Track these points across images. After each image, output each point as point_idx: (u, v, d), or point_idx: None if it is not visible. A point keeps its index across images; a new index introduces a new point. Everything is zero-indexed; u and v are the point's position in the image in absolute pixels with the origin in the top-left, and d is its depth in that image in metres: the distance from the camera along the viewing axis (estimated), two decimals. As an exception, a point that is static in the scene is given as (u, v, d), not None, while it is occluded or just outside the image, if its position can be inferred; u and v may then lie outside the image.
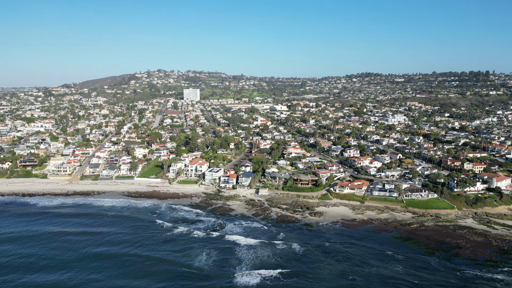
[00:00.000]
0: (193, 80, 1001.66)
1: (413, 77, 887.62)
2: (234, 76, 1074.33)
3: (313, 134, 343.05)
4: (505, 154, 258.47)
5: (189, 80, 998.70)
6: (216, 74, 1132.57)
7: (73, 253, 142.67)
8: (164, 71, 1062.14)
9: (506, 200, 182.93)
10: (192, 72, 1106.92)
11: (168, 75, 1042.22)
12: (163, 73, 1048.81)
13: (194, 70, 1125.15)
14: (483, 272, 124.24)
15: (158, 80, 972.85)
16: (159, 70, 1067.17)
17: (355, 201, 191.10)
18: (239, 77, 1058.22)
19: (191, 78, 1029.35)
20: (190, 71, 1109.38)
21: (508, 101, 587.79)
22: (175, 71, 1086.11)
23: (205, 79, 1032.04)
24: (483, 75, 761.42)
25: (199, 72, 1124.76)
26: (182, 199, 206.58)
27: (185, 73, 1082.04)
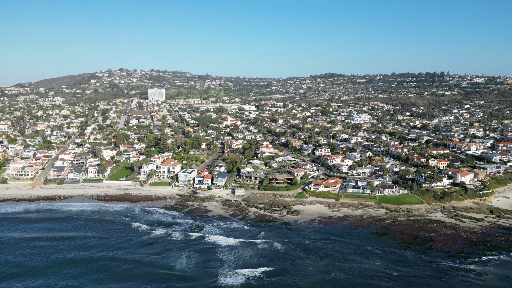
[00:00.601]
0: (157, 79, 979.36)
1: (374, 77, 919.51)
2: (200, 76, 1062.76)
3: (284, 133, 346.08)
4: (465, 150, 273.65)
5: (153, 79, 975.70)
6: (180, 73, 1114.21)
7: (44, 259, 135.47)
8: (126, 70, 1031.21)
9: (470, 194, 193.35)
10: (156, 71, 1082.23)
11: (130, 74, 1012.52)
12: (125, 72, 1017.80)
13: (158, 70, 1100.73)
14: (456, 263, 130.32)
15: (121, 79, 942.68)
16: (121, 69, 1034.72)
17: (330, 199, 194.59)
18: (205, 77, 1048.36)
19: (155, 77, 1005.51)
20: (154, 71, 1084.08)
21: (462, 100, 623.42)
22: (138, 70, 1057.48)
23: (169, 78, 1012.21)
24: (439, 76, 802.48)
25: (163, 71, 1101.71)
26: (156, 202, 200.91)
27: (149, 73, 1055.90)
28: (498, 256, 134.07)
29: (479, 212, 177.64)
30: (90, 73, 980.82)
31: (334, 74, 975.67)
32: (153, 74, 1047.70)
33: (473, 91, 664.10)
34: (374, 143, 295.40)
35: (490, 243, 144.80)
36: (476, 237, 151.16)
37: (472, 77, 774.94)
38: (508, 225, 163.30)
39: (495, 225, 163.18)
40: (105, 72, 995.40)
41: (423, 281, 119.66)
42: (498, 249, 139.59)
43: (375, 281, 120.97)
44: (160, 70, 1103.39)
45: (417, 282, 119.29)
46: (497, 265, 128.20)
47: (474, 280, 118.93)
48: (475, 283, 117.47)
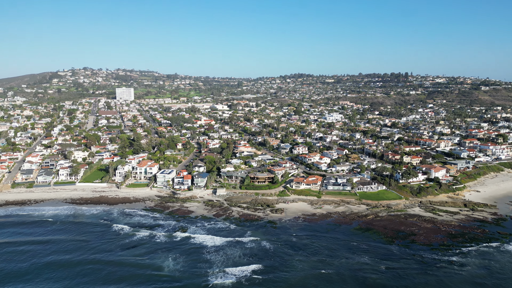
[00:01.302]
0: (124, 79, 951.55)
1: (342, 78, 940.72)
2: (168, 75, 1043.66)
3: (260, 132, 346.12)
4: (435, 147, 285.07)
5: (120, 79, 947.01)
6: (148, 73, 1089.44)
7: (22, 265, 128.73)
8: (91, 69, 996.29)
9: (445, 189, 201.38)
10: (123, 70, 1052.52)
11: (95, 73, 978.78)
12: (90, 71, 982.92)
13: (124, 69, 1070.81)
14: (439, 256, 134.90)
15: (85, 78, 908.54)
16: (85, 68, 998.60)
17: (312, 196, 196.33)
18: (174, 76, 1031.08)
19: (121, 77, 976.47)
20: (120, 70, 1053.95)
21: (426, 100, 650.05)
22: (103, 70, 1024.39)
23: (137, 78, 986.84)
24: (403, 76, 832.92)
25: (130, 70, 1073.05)
26: (134, 204, 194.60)
27: (115, 72, 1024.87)
28: (477, 248, 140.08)
29: (454, 206, 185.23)
30: (52, 72, 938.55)
31: (303, 75, 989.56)
32: (120, 73, 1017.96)
33: (435, 91, 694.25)
34: (349, 141, 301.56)
35: (468, 235, 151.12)
36: (455, 230, 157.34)
37: (434, 78, 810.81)
38: (482, 217, 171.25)
39: (470, 218, 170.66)
40: (68, 71, 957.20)
41: (410, 273, 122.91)
42: (476, 241, 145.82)
43: (365, 274, 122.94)
44: (127, 69, 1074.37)
45: (404, 274, 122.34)
46: (477, 256, 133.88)
47: (457, 271, 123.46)
48: (459, 274, 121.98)
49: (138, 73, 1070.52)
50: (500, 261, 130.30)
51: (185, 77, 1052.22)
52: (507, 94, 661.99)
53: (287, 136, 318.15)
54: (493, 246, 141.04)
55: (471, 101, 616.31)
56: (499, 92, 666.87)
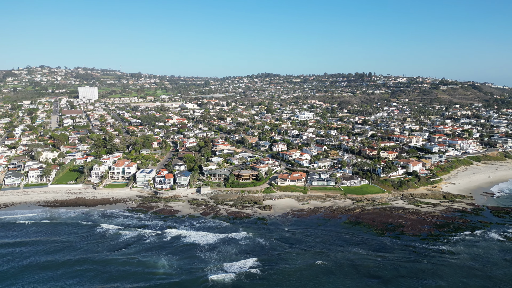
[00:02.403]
0: (85, 77, 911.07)
1: (308, 77, 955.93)
2: (132, 74, 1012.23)
3: (236, 131, 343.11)
4: (408, 143, 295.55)
5: (80, 77, 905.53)
6: (110, 71, 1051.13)
7: (7, 267, 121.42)
8: (48, 68, 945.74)
9: (423, 182, 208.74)
10: (83, 69, 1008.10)
11: (53, 72, 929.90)
12: (47, 69, 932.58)
13: (84, 67, 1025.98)
14: (430, 245, 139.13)
15: (43, 77, 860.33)
16: (42, 66, 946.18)
17: (298, 192, 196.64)
18: (138, 75, 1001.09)
19: (82, 75, 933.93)
20: (80, 68, 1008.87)
21: (390, 98, 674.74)
22: (62, 68, 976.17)
23: (98, 76, 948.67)
24: (367, 76, 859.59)
25: (91, 69, 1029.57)
26: (115, 205, 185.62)
27: (75, 70, 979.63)
28: (463, 237, 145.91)
29: (434, 197, 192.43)
30: (6, 70, 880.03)
31: (271, 74, 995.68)
32: (80, 72, 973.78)
33: (398, 90, 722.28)
34: (325, 138, 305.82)
35: (452, 225, 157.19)
36: (439, 220, 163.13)
37: (395, 78, 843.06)
38: (462, 208, 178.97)
39: (451, 209, 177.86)
40: (24, 69, 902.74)
41: (406, 262, 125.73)
42: (461, 230, 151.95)
43: (363, 265, 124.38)
44: (87, 68, 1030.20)
45: (400, 263, 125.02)
46: (466, 244, 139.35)
47: (450, 260, 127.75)
48: (453, 262, 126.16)
49: (100, 71, 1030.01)
50: (486, 248, 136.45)
51: (149, 76, 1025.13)
52: (463, 93, 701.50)
53: (264, 134, 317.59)
54: (478, 235, 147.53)
55: (431, 100, 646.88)
56: (457, 91, 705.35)
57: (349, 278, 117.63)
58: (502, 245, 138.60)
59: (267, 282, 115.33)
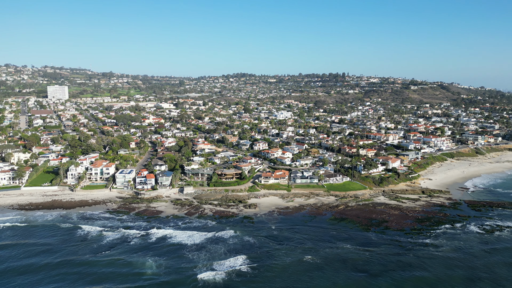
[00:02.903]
0: (54, 77, 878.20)
1: (283, 78, 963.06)
2: (104, 73, 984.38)
3: (215, 130, 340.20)
4: (385, 140, 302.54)
5: (49, 76, 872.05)
6: (80, 70, 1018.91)
7: None
8: (14, 66, 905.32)
9: (403, 178, 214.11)
10: (51, 68, 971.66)
11: (20, 70, 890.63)
12: (13, 68, 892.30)
13: (52, 66, 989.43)
14: (414, 239, 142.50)
15: (8, 76, 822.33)
16: (7, 65, 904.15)
17: (282, 190, 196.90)
18: (109, 75, 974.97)
19: (50, 74, 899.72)
20: (48, 67, 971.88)
21: (363, 98, 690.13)
22: (28, 67, 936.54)
23: (68, 76, 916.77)
24: (341, 76, 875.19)
25: (60, 68, 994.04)
26: (94, 207, 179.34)
27: (42, 69, 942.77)
28: (444, 230, 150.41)
29: (413, 193, 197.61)
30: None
31: (246, 74, 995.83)
32: (48, 71, 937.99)
33: (371, 90, 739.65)
34: (305, 137, 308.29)
35: (433, 219, 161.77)
36: (420, 215, 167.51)
37: (368, 78, 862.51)
38: (441, 202, 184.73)
39: (430, 204, 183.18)
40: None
41: (393, 256, 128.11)
42: (441, 224, 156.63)
43: (351, 259, 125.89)
44: (56, 67, 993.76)
45: (388, 257, 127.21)
46: (447, 237, 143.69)
47: (435, 252, 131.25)
48: (436, 255, 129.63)
49: (69, 70, 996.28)
50: (467, 240, 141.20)
51: (121, 75, 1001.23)
52: (432, 92, 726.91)
53: (245, 133, 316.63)
54: (458, 228, 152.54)
55: (403, 99, 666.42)
56: (426, 91, 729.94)
57: (339, 272, 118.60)
58: (481, 237, 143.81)
59: (258, 279, 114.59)
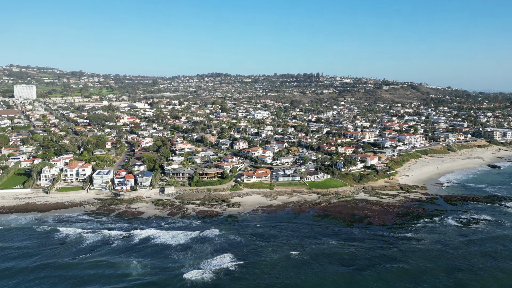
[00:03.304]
0: (20, 76, 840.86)
1: (258, 78, 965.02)
2: (73, 72, 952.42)
3: (193, 130, 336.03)
4: (361, 139, 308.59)
5: (14, 76, 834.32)
6: (48, 69, 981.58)
7: None
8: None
9: (381, 175, 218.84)
10: (17, 66, 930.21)
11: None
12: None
13: (18, 65, 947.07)
14: (396, 233, 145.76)
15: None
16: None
17: (265, 188, 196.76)
18: (79, 74, 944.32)
19: (16, 73, 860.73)
20: (14, 66, 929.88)
21: (338, 98, 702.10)
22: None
23: (35, 75, 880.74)
24: (315, 76, 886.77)
25: (26, 67, 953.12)
26: (71, 209, 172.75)
27: (7, 68, 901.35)
28: (424, 224, 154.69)
29: (392, 189, 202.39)
30: None
31: (221, 74, 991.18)
32: (13, 69, 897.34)
33: (345, 90, 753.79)
34: (284, 136, 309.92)
35: (413, 214, 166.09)
36: (400, 210, 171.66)
37: (341, 78, 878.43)
38: (418, 198, 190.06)
39: (409, 199, 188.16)
40: None
41: (378, 250, 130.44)
42: (421, 218, 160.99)
43: (337, 254, 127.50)
44: (22, 66, 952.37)
45: (373, 253, 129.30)
46: (427, 231, 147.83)
47: (417, 246, 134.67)
48: (419, 248, 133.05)
49: (36, 69, 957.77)
50: (446, 233, 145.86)
51: (92, 74, 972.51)
52: (403, 92, 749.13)
53: (224, 133, 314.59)
54: (436, 221, 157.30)
55: (376, 99, 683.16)
56: (397, 91, 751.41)
57: (326, 267, 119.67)
58: (459, 230, 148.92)
59: (247, 277, 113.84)
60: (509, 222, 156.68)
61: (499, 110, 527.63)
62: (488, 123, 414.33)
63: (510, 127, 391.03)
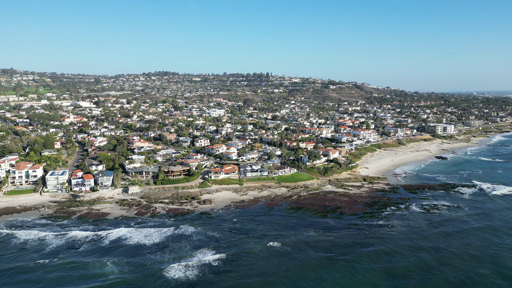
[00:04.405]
0: None
1: (208, 77, 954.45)
2: (4, 70, 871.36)
3: (148, 128, 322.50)
4: (319, 134, 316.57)
5: None
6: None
7: None
8: None
9: (344, 168, 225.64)
10: None
11: None
12: None
13: None
14: (369, 222, 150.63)
15: None
16: None
17: (234, 184, 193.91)
18: (11, 71, 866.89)
19: None
20: None
21: (288, 97, 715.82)
22: None
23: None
24: (265, 76, 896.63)
25: None
26: (25, 213, 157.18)
27: None
28: (392, 212, 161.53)
29: (356, 181, 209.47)
30: None
31: (169, 72, 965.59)
32: None
33: (294, 89, 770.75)
34: (245, 133, 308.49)
35: (380, 203, 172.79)
36: (368, 200, 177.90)
37: (290, 78, 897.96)
38: (381, 188, 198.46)
39: (373, 189, 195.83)
40: None
41: (356, 238, 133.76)
42: (388, 206, 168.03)
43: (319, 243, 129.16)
44: None
45: (352, 239, 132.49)
46: (397, 217, 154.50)
47: (390, 232, 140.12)
48: (392, 233, 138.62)
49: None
50: (414, 219, 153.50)
51: (25, 72, 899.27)
52: (349, 91, 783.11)
53: (182, 130, 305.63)
54: (403, 209, 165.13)
55: (324, 98, 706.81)
56: (343, 90, 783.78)
57: (309, 254, 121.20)
58: (424, 215, 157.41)
59: (232, 269, 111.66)
60: (466, 206, 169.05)
61: (436, 108, 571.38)
62: (429, 119, 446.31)
63: (448, 122, 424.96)
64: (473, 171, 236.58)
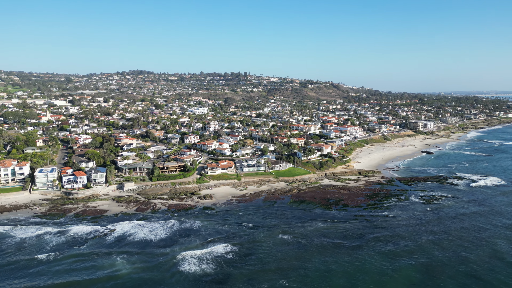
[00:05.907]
0: None
1: (184, 76, 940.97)
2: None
3: (132, 126, 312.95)
4: (308, 131, 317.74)
5: None
6: None
7: None
8: None
9: (338, 162, 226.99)
10: None
11: None
12: None
13: None
14: (373, 213, 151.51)
15: None
16: None
17: (232, 179, 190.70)
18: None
19: None
20: None
21: (267, 96, 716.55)
22: None
23: None
24: (243, 76, 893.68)
25: None
26: (16, 212, 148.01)
27: None
28: (394, 203, 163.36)
29: (352, 174, 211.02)
30: None
31: (144, 71, 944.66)
32: None
33: (273, 88, 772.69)
34: (233, 129, 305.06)
35: (380, 195, 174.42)
36: (367, 192, 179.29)
37: (268, 77, 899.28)
38: (377, 181, 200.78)
39: (370, 182, 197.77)
40: None
41: (364, 228, 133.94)
42: (389, 197, 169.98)
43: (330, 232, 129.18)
44: None
45: (362, 229, 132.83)
46: (399, 208, 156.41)
47: (396, 222, 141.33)
48: (398, 223, 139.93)
49: None
50: (415, 209, 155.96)
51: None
52: (327, 91, 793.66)
53: (169, 128, 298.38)
54: (403, 200, 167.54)
55: (303, 97, 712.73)
56: (321, 89, 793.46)
57: (323, 242, 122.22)
58: (426, 205, 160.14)
59: (250, 262, 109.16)
60: (463, 196, 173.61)
61: (413, 106, 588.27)
62: (408, 116, 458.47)
63: (427, 119, 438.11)
64: (460, 164, 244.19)
